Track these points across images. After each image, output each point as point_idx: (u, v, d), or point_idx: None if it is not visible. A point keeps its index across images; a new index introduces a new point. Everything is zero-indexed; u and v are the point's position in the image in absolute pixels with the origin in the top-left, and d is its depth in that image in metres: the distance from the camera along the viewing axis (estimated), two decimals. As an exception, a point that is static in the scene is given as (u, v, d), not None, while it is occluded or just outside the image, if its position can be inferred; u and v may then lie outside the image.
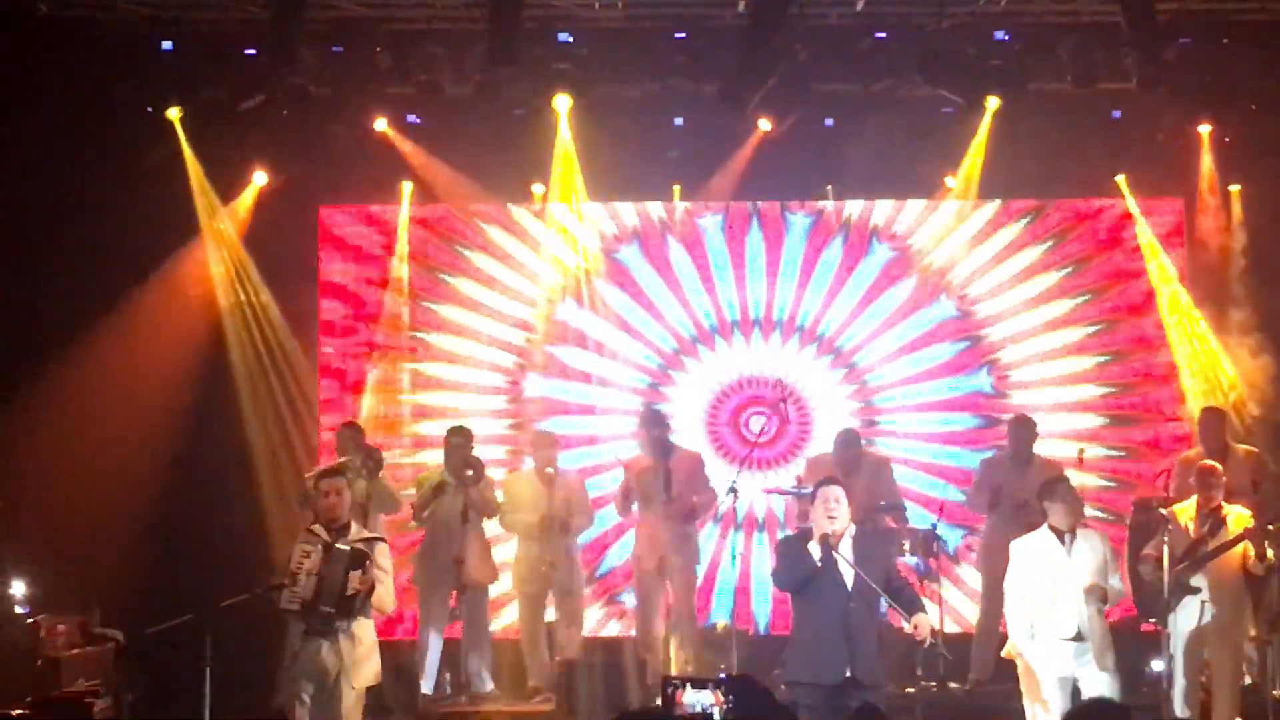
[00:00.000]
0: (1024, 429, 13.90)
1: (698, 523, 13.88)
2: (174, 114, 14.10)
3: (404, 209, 15.31)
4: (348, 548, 10.68)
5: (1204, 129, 14.58)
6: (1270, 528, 11.62)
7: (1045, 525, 11.13)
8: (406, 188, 15.12)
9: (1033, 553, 11.08)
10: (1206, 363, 14.95)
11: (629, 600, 14.54)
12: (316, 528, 10.92)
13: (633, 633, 14.07)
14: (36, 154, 13.71)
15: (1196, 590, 11.54)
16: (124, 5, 13.36)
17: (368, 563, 10.68)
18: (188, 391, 14.54)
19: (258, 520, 14.45)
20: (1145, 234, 15.26)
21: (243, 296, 14.91)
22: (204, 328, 14.80)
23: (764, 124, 14.25)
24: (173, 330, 14.60)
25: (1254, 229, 14.86)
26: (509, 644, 14.23)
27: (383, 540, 11.11)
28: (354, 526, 11.01)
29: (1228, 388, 14.74)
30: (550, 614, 13.88)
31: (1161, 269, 15.20)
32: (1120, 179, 15.07)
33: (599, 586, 15.02)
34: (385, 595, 10.92)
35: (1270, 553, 11.53)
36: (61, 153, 13.81)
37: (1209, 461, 12.28)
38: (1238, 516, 11.73)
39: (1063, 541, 11.01)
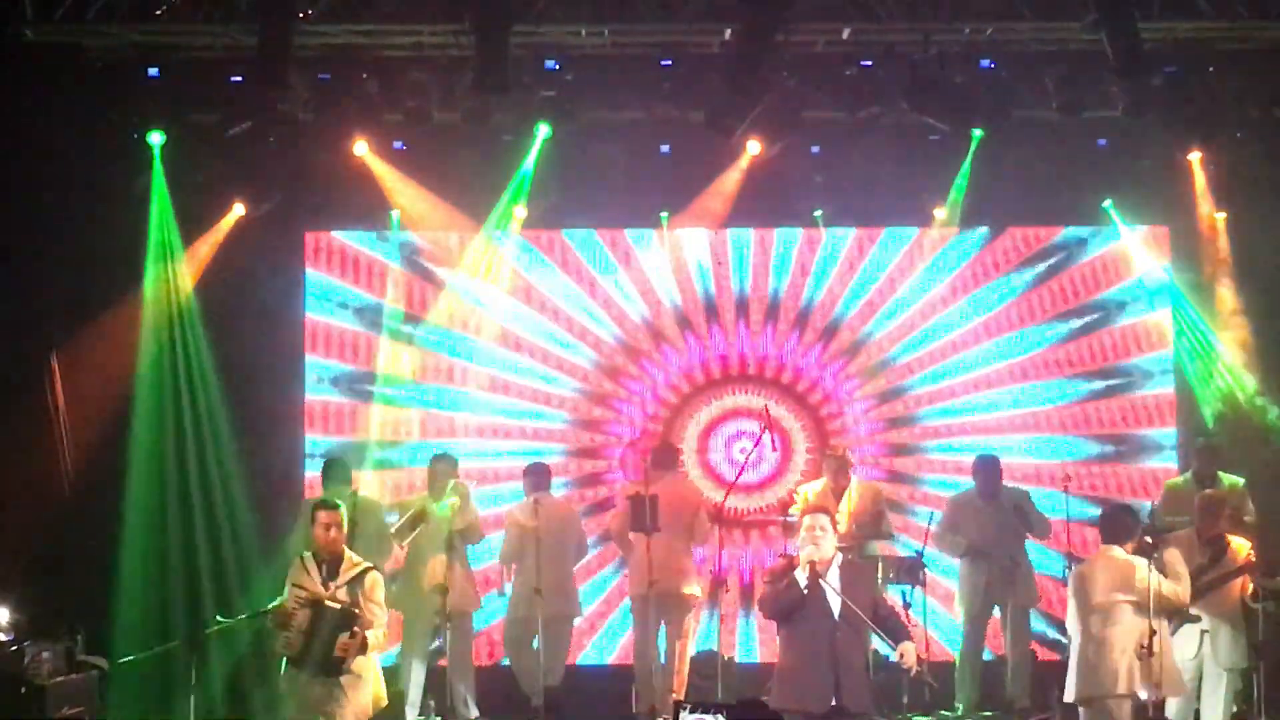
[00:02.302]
0: (991, 467, 13.92)
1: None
2: (156, 140, 14.09)
3: (392, 235, 15.31)
4: (338, 606, 10.67)
5: (1194, 156, 14.61)
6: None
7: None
8: (394, 214, 15.11)
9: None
10: (1216, 381, 15.06)
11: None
12: (309, 560, 10.91)
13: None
14: (22, 179, 13.71)
15: (1196, 619, 11.53)
16: (111, 32, 13.34)
17: (356, 627, 10.65)
18: (166, 416, 14.53)
19: (241, 547, 14.41)
20: (1139, 257, 15.33)
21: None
22: (183, 345, 14.76)
23: (754, 145, 14.26)
24: (146, 355, 14.58)
25: (1241, 256, 14.90)
26: (494, 671, 14.22)
27: (374, 570, 11.10)
28: (347, 555, 11.00)
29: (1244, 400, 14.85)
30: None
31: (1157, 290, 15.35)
32: (1108, 205, 15.13)
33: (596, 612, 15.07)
34: (375, 639, 10.90)
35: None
36: (47, 178, 13.81)
37: (1212, 491, 12.34)
38: (1237, 546, 11.75)
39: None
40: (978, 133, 14.25)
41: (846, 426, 15.44)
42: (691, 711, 9.58)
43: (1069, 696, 11.03)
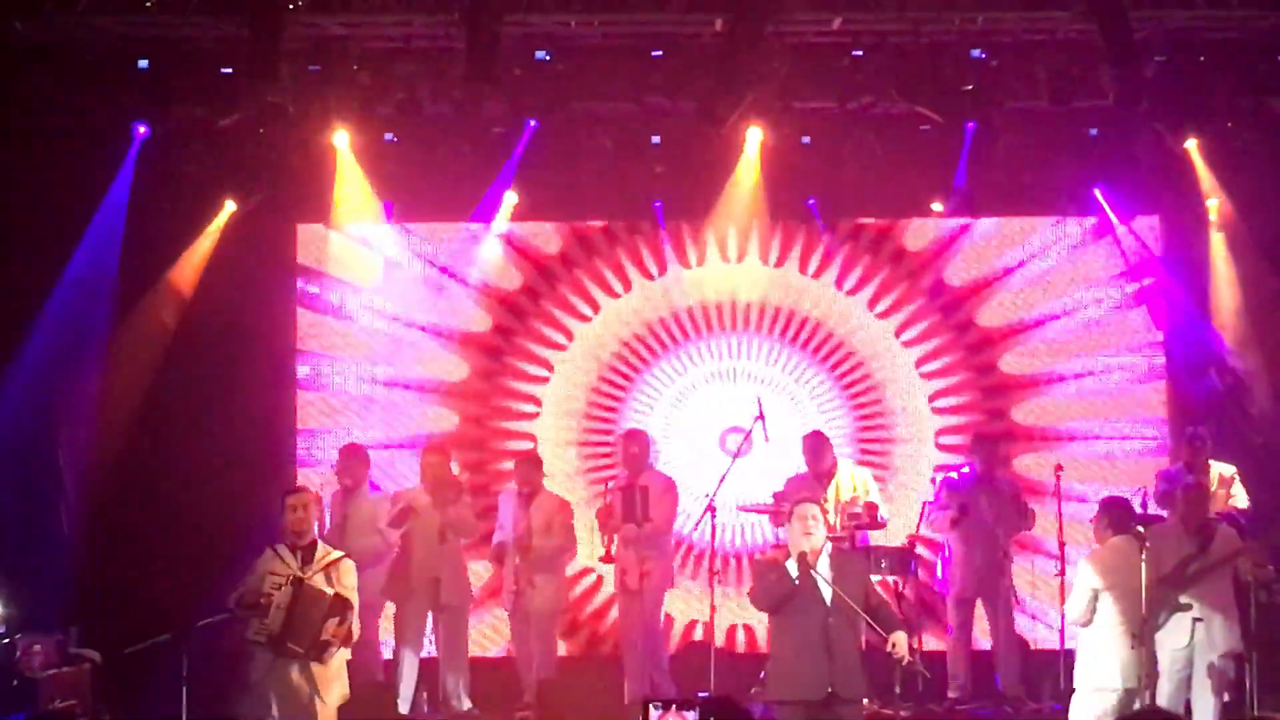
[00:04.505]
0: (989, 448, 13.89)
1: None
2: (139, 132, 14.07)
3: (382, 227, 15.28)
4: (330, 591, 10.63)
5: (1191, 144, 14.61)
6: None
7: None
8: (385, 206, 15.08)
9: None
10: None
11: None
12: (282, 549, 10.87)
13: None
14: (11, 171, 13.70)
15: (1187, 608, 11.51)
16: (100, 23, 13.32)
17: (344, 615, 10.62)
18: (161, 404, 14.52)
19: (234, 539, 14.39)
20: (1130, 246, 15.34)
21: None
22: (175, 342, 14.74)
23: (756, 133, 14.24)
24: (139, 350, 14.57)
25: (1231, 244, 14.92)
26: (487, 663, 14.23)
27: (348, 558, 11.07)
28: (320, 545, 10.98)
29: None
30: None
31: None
32: (1099, 194, 15.14)
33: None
34: (353, 626, 10.89)
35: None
36: (36, 171, 13.79)
37: (1196, 479, 12.35)
38: (1225, 533, 11.75)
39: None
40: (969, 123, 14.25)
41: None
42: (664, 709, 9.61)
43: (1109, 684, 10.98)
